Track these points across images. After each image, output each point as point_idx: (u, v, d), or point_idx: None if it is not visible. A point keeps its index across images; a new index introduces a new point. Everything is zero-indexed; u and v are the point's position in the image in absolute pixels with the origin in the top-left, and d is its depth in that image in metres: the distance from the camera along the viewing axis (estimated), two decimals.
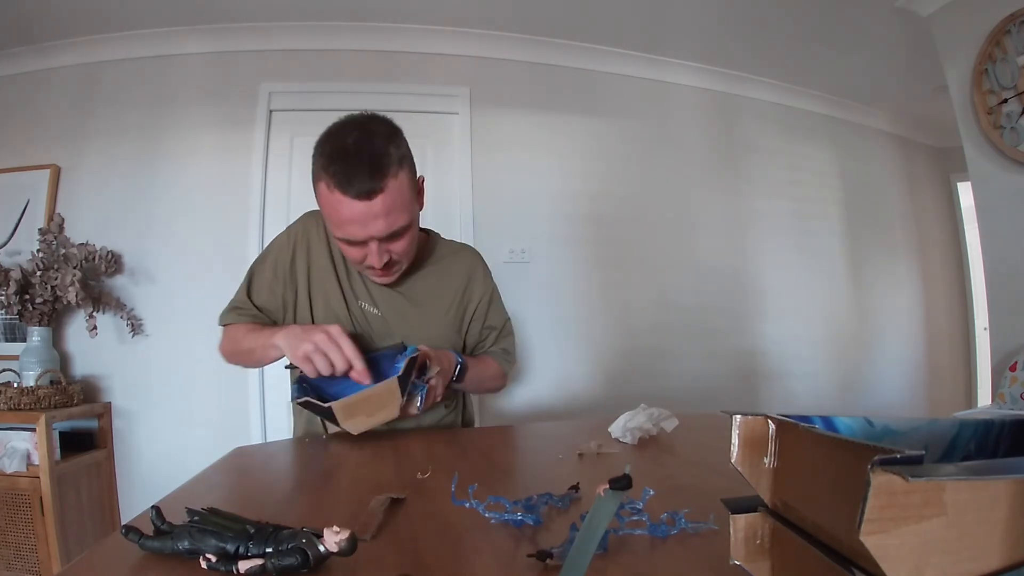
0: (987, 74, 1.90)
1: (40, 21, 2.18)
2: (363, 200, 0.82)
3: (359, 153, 0.83)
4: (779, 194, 2.96)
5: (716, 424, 0.96)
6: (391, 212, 0.85)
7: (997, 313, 1.98)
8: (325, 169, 0.84)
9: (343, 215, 0.84)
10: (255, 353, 0.97)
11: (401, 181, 0.86)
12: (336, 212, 0.85)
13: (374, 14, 2.33)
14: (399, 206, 0.87)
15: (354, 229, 0.85)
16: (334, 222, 0.88)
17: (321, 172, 0.85)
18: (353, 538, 0.37)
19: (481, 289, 1.13)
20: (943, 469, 0.19)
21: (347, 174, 0.82)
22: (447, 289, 1.08)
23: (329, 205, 0.86)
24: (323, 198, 0.87)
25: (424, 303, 1.05)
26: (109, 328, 2.18)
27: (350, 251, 0.91)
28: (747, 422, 0.29)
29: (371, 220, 0.84)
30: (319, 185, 0.86)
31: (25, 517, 1.81)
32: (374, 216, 0.84)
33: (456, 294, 1.09)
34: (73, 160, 2.29)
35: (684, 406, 1.12)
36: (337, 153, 0.84)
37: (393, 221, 0.86)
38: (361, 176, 0.82)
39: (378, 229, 0.85)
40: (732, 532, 0.30)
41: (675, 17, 2.39)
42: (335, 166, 0.83)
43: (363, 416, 0.83)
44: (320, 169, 0.85)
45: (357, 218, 0.84)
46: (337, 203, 0.84)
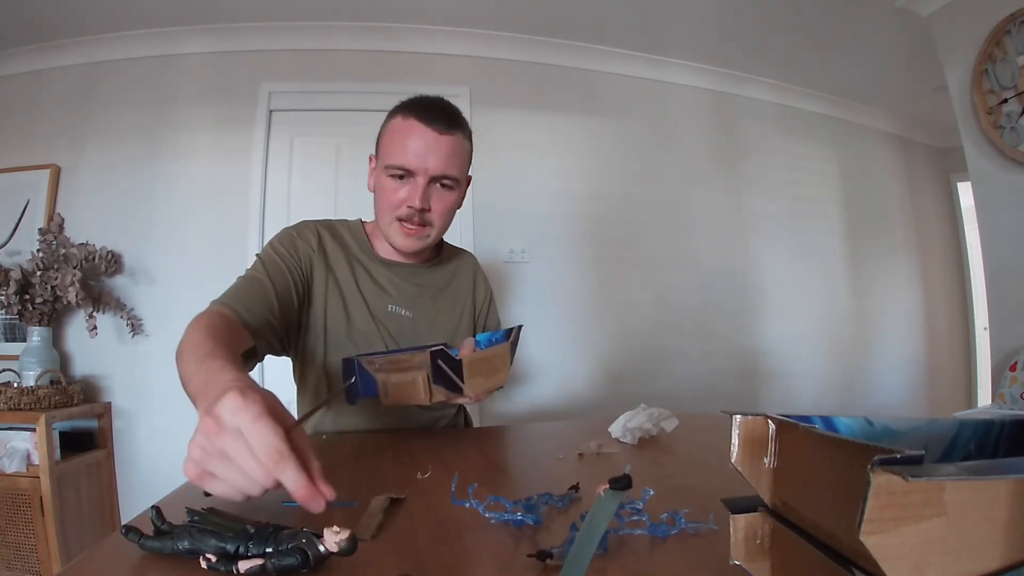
0: (987, 74, 1.90)
1: (40, 21, 2.18)
2: (434, 131, 0.88)
3: (443, 104, 0.93)
4: (779, 194, 2.96)
5: (716, 424, 0.96)
6: (451, 156, 0.91)
7: (997, 313, 1.98)
8: (406, 106, 0.91)
9: (409, 139, 0.89)
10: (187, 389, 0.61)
11: (465, 145, 0.95)
12: (403, 136, 0.89)
13: (374, 14, 2.33)
14: (458, 159, 0.92)
15: (415, 155, 0.89)
16: (396, 147, 0.90)
17: (399, 110, 0.91)
18: (353, 538, 0.37)
19: (484, 288, 1.16)
20: (943, 469, 0.19)
21: (427, 110, 0.89)
22: (460, 289, 1.10)
23: (398, 131, 0.90)
24: (394, 127, 0.91)
25: (445, 302, 1.06)
26: (109, 328, 2.18)
27: (395, 190, 0.91)
28: (747, 422, 0.29)
29: (432, 152, 0.89)
30: (393, 120, 0.92)
31: (25, 517, 1.81)
32: (437, 149, 0.89)
33: (468, 294, 1.11)
34: (73, 160, 2.29)
35: (684, 406, 1.13)
36: (422, 99, 0.92)
37: (449, 165, 0.91)
38: (439, 116, 0.89)
39: (435, 163, 0.89)
40: (732, 532, 0.30)
41: (675, 17, 2.39)
42: (418, 104, 0.90)
43: (481, 378, 0.80)
44: (398, 109, 0.92)
45: (422, 145, 0.88)
46: (409, 128, 0.89)
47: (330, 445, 0.87)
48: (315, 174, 2.37)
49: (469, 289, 1.12)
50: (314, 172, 2.37)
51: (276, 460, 0.40)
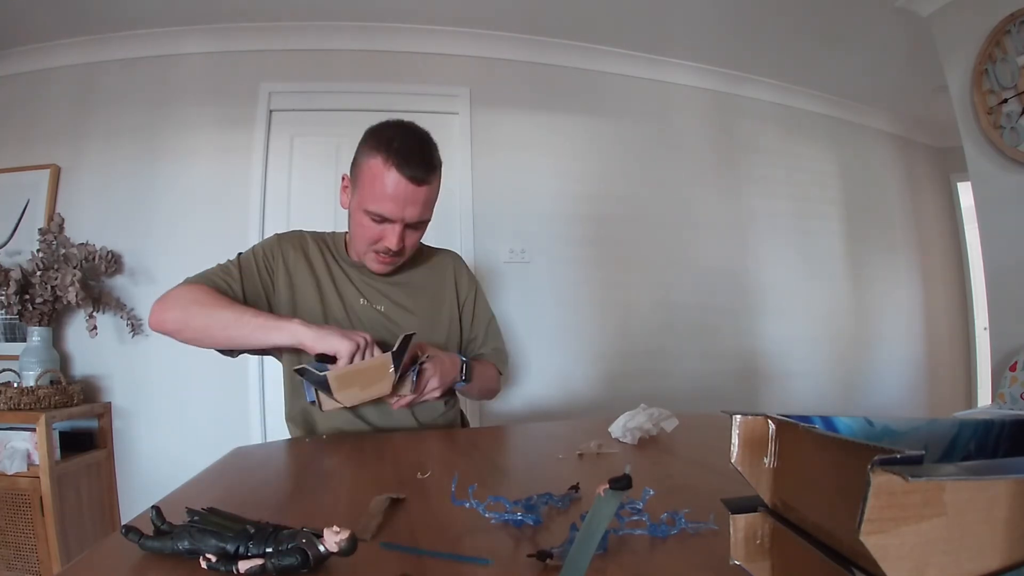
0: (987, 74, 1.90)
1: (40, 21, 2.18)
2: (412, 184, 0.91)
3: (421, 145, 0.94)
4: (779, 194, 2.96)
5: (716, 424, 0.96)
6: (426, 204, 0.95)
7: (997, 313, 1.98)
8: (384, 147, 0.91)
9: (388, 190, 0.91)
10: (239, 328, 0.88)
11: (438, 183, 0.98)
12: (383, 185, 0.91)
13: (374, 14, 2.33)
14: (431, 202, 0.97)
15: (393, 206, 0.92)
16: (376, 194, 0.92)
17: (377, 150, 0.92)
18: (353, 538, 0.37)
19: (467, 283, 1.18)
20: (943, 469, 0.19)
21: (407, 157, 0.91)
22: (439, 285, 1.14)
23: (377, 179, 0.92)
24: (372, 172, 0.92)
25: (421, 298, 1.10)
26: (109, 328, 2.18)
27: (371, 229, 0.96)
28: (747, 422, 0.29)
29: (410, 204, 0.92)
30: (371, 160, 0.92)
31: (25, 517, 1.81)
32: (414, 201, 0.93)
33: (447, 289, 1.15)
34: (73, 160, 2.29)
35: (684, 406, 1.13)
36: (399, 139, 0.92)
37: (424, 212, 0.96)
38: (417, 164, 0.91)
39: (412, 213, 0.94)
40: (732, 532, 0.30)
41: (675, 17, 2.39)
42: (397, 146, 0.91)
43: (356, 388, 0.86)
44: (375, 147, 0.92)
45: (400, 197, 0.91)
46: (388, 178, 0.91)
47: (330, 445, 0.87)
48: (315, 174, 2.37)
49: (451, 284, 1.16)
50: (314, 172, 2.37)
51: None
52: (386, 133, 0.94)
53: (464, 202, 2.43)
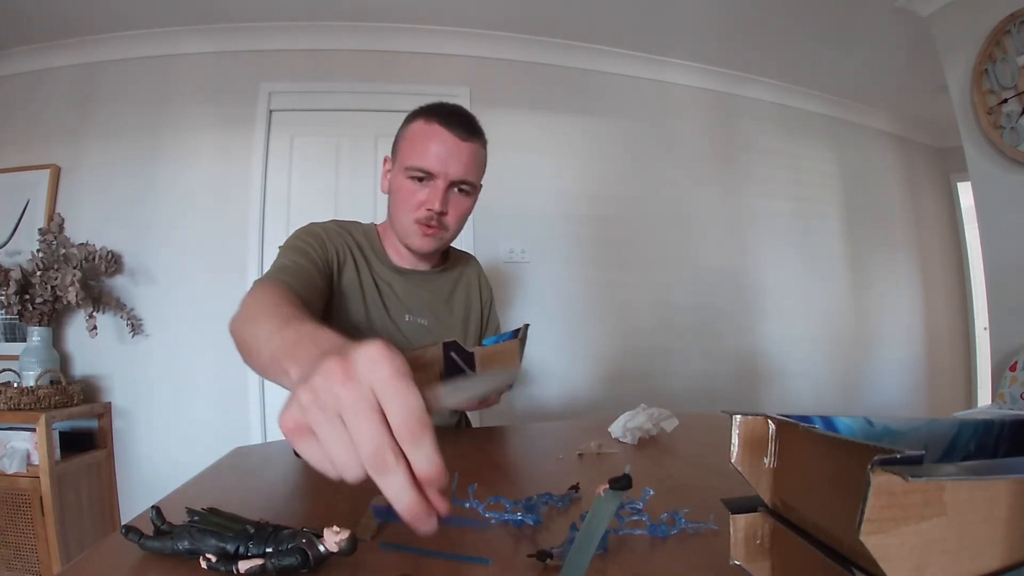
0: (987, 74, 1.90)
1: (40, 21, 2.18)
2: (456, 137, 0.90)
3: (464, 113, 0.94)
4: (779, 194, 2.96)
5: (716, 424, 0.96)
6: (471, 163, 0.93)
7: (997, 313, 1.98)
8: (428, 111, 0.92)
9: (432, 144, 0.90)
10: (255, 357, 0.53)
11: (483, 153, 0.97)
12: (426, 141, 0.90)
13: (374, 14, 2.33)
14: (476, 165, 0.95)
15: (437, 159, 0.90)
16: (419, 151, 0.91)
17: (421, 114, 0.93)
18: (353, 538, 0.37)
19: (487, 291, 1.18)
20: (943, 469, 0.19)
21: (450, 117, 0.91)
22: (467, 292, 1.12)
23: (420, 135, 0.91)
24: (415, 131, 0.92)
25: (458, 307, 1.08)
26: (109, 328, 2.18)
27: (415, 192, 0.92)
28: (747, 422, 0.29)
29: (454, 157, 0.91)
30: (414, 123, 0.93)
31: (25, 517, 1.81)
32: (458, 155, 0.91)
33: (474, 297, 1.13)
34: (73, 160, 2.29)
35: (684, 406, 1.13)
36: (444, 105, 0.94)
37: (468, 171, 0.93)
38: (461, 123, 0.92)
39: (456, 169, 0.91)
40: (732, 532, 0.30)
41: (675, 17, 2.39)
42: (440, 110, 0.92)
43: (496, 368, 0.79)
44: (419, 113, 0.93)
45: (444, 150, 0.90)
46: (432, 132, 0.90)
47: None
48: (315, 174, 2.37)
49: (476, 292, 1.14)
50: (314, 172, 2.37)
51: (417, 429, 0.29)
52: (428, 104, 0.95)
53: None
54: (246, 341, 0.56)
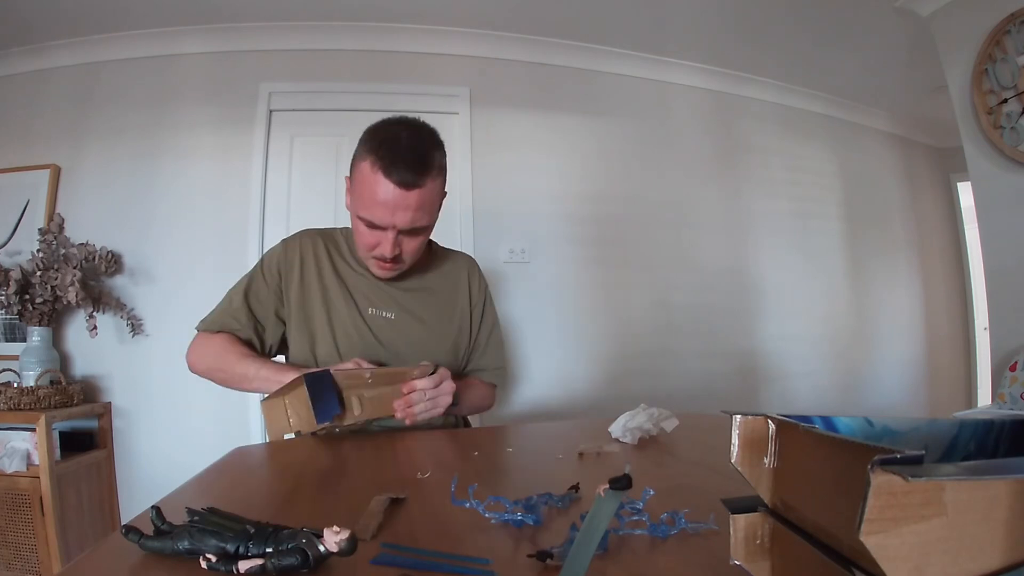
0: (987, 74, 1.90)
1: (40, 21, 2.18)
2: (400, 188, 0.88)
3: (410, 148, 0.89)
4: (779, 194, 2.96)
5: (716, 424, 0.96)
6: (420, 209, 0.91)
7: (997, 313, 1.98)
8: (374, 150, 0.89)
9: (377, 196, 0.88)
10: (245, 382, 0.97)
11: (436, 186, 0.94)
12: (371, 192, 0.89)
13: (374, 14, 2.33)
14: (427, 207, 0.92)
15: (383, 212, 0.89)
16: (365, 201, 0.90)
17: (368, 152, 0.89)
18: (353, 538, 0.37)
19: (479, 289, 1.17)
20: (943, 469, 0.19)
21: (393, 161, 0.87)
22: (452, 291, 1.12)
23: (366, 184, 0.89)
24: (362, 176, 0.90)
25: (433, 305, 1.09)
26: (109, 328, 2.18)
27: (366, 235, 0.94)
28: (747, 422, 0.29)
29: (400, 210, 0.89)
30: (362, 163, 0.90)
31: (25, 517, 1.81)
32: (405, 207, 0.89)
33: (460, 295, 1.13)
34: (73, 160, 2.29)
35: (684, 406, 1.13)
36: (390, 140, 0.89)
37: (418, 218, 0.92)
38: (406, 167, 0.88)
39: (403, 220, 0.90)
40: (732, 532, 0.30)
41: (675, 17, 2.39)
42: (385, 149, 0.88)
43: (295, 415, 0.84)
44: (368, 150, 0.90)
45: (389, 203, 0.88)
46: (376, 183, 0.88)
47: (330, 445, 0.87)
48: (315, 174, 2.37)
49: (464, 290, 1.14)
50: (314, 172, 2.37)
51: None
52: (379, 134, 0.91)
53: (464, 202, 2.43)
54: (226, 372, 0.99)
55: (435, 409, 0.93)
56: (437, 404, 0.93)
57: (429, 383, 0.92)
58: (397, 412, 0.90)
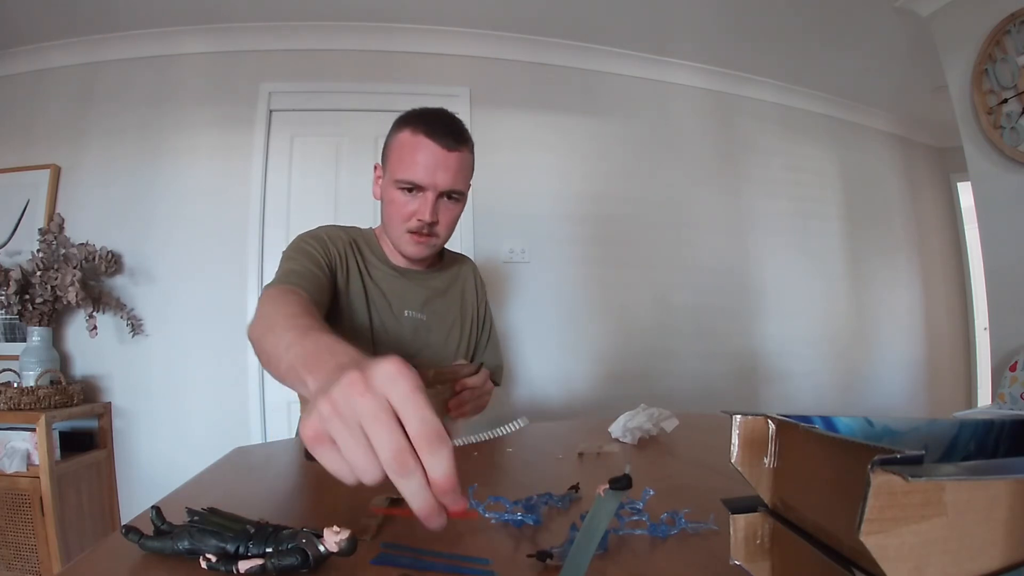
0: (987, 74, 1.90)
1: (40, 21, 2.18)
2: (443, 148, 0.91)
3: (450, 119, 0.95)
4: (779, 194, 2.96)
5: (716, 424, 0.96)
6: (459, 172, 0.94)
7: (997, 313, 1.98)
8: (414, 120, 0.93)
9: (419, 156, 0.90)
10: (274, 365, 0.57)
11: (470, 159, 0.98)
12: (412, 153, 0.91)
13: (374, 14, 2.33)
14: (464, 173, 0.96)
15: (424, 173, 0.91)
16: (406, 163, 0.92)
17: (406, 123, 0.93)
18: (353, 538, 0.37)
19: (481, 290, 1.20)
20: (943, 469, 0.19)
21: (435, 126, 0.92)
22: (463, 292, 1.14)
23: (407, 146, 0.92)
24: (401, 143, 0.93)
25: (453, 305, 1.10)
26: (109, 328, 2.18)
27: (404, 204, 0.94)
28: (747, 422, 0.29)
29: (441, 169, 0.91)
30: (400, 134, 0.93)
31: (25, 517, 1.81)
32: (446, 166, 0.91)
33: (469, 295, 1.15)
34: (73, 160, 2.29)
35: (684, 406, 1.13)
36: (428, 113, 0.94)
37: (457, 181, 0.94)
38: (447, 132, 0.92)
39: (444, 180, 0.92)
40: (732, 532, 0.30)
41: (675, 17, 2.39)
42: (425, 119, 0.92)
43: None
44: (405, 122, 0.94)
45: (431, 162, 0.90)
46: (418, 144, 0.91)
47: None
48: (315, 174, 2.37)
49: (472, 291, 1.16)
50: (314, 172, 2.37)
51: (435, 438, 0.31)
52: (413, 112, 0.95)
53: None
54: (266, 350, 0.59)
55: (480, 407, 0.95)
56: (483, 403, 0.95)
57: (479, 380, 0.92)
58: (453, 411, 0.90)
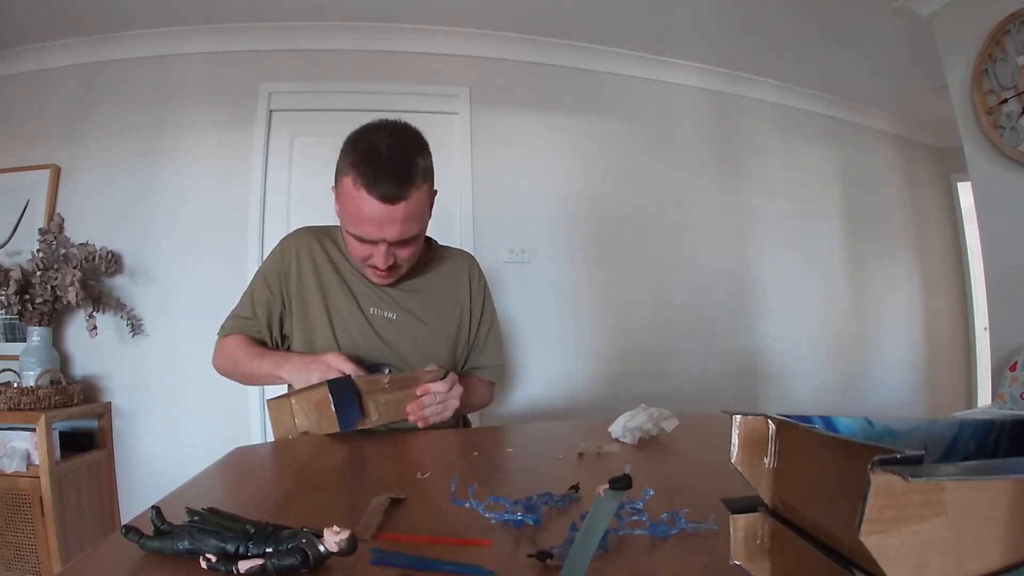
0: (987, 74, 1.90)
1: (40, 21, 2.18)
2: (385, 203, 0.86)
3: (391, 160, 0.87)
4: (779, 194, 2.96)
5: (716, 424, 0.96)
6: (408, 220, 0.89)
7: (997, 313, 1.98)
8: (355, 166, 0.87)
9: (363, 213, 0.87)
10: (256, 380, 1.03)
11: (422, 193, 0.91)
12: (356, 209, 0.88)
13: (374, 14, 2.33)
14: (415, 216, 0.91)
15: (370, 228, 0.89)
16: (352, 218, 0.90)
17: (350, 167, 0.87)
18: (353, 538, 0.37)
19: (479, 287, 1.17)
20: (943, 469, 0.19)
21: (375, 176, 0.85)
22: (453, 289, 1.13)
23: (351, 200, 0.88)
24: (346, 192, 0.89)
25: (433, 304, 1.09)
26: (109, 328, 2.18)
27: (358, 248, 0.94)
28: (747, 422, 0.29)
29: (388, 224, 0.88)
30: (344, 179, 0.89)
31: (25, 517, 1.81)
32: (392, 221, 0.88)
33: (461, 293, 1.14)
34: (73, 160, 2.29)
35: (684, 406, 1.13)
36: (369, 153, 0.87)
37: (407, 229, 0.90)
38: (388, 181, 0.85)
39: (392, 233, 0.89)
40: (732, 532, 0.30)
41: (675, 17, 2.39)
42: (365, 165, 0.86)
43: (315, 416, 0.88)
44: (349, 164, 0.88)
45: (375, 218, 0.87)
46: (360, 200, 0.87)
47: (330, 445, 0.87)
48: (315, 174, 2.37)
49: (465, 288, 1.14)
50: (314, 172, 2.37)
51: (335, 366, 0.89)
52: (358, 146, 0.88)
53: (464, 202, 2.43)
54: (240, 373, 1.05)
55: (444, 412, 0.95)
56: (447, 408, 0.95)
57: (442, 387, 0.93)
58: (410, 416, 0.91)
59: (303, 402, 0.87)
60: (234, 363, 1.04)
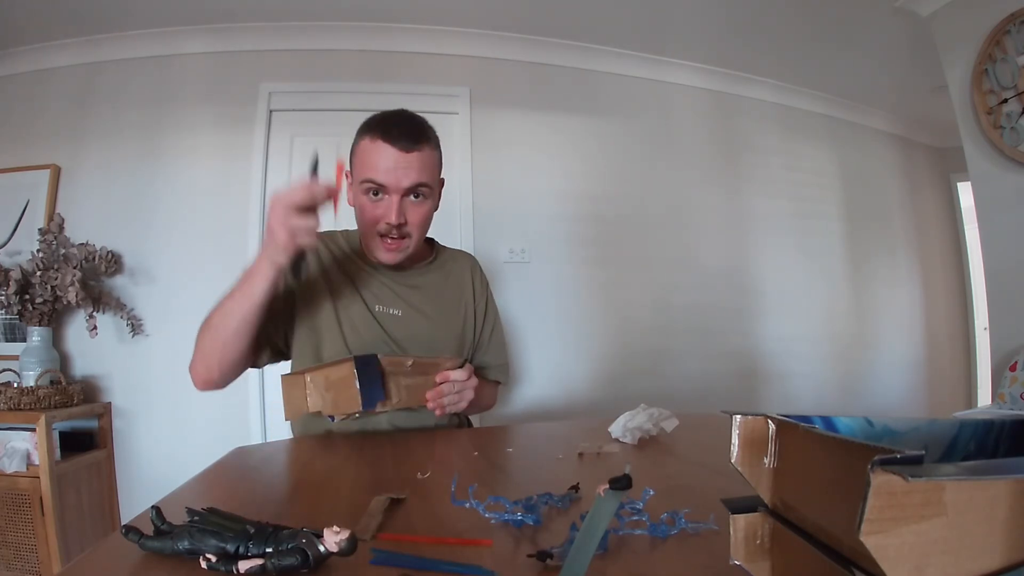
0: (987, 74, 1.90)
1: (40, 21, 2.18)
2: (402, 152, 0.91)
3: (407, 119, 0.96)
4: (779, 194, 2.96)
5: (716, 424, 0.96)
6: (421, 169, 0.94)
7: (997, 313, 1.98)
8: (373, 127, 0.94)
9: (379, 161, 0.92)
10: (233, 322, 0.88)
11: (434, 154, 0.97)
12: (372, 158, 0.92)
13: (374, 14, 2.33)
14: (428, 170, 0.95)
15: (385, 175, 0.92)
16: (367, 167, 0.93)
17: (366, 130, 0.95)
18: (353, 538, 0.37)
19: (481, 286, 1.18)
20: (943, 469, 0.19)
21: (391, 128, 0.92)
22: (456, 288, 1.13)
23: (367, 152, 0.93)
24: (363, 149, 0.94)
25: (438, 302, 1.09)
26: (109, 328, 2.18)
27: (371, 208, 0.95)
28: (747, 422, 0.29)
29: (403, 169, 0.92)
30: (362, 141, 0.95)
31: (25, 517, 1.81)
32: (407, 166, 0.92)
33: (465, 293, 1.14)
34: (73, 160, 2.29)
35: (684, 406, 1.13)
36: (387, 118, 0.95)
37: (420, 176, 0.94)
38: (404, 132, 0.92)
39: (408, 180, 0.92)
40: (732, 532, 0.30)
41: (675, 17, 2.39)
42: (383, 124, 0.93)
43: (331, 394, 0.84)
44: (365, 128, 0.95)
45: (391, 166, 0.91)
46: (377, 149, 0.92)
47: (330, 445, 0.87)
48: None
49: (468, 287, 1.15)
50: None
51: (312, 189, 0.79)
52: (374, 117, 0.96)
53: (464, 202, 2.43)
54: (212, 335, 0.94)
55: (460, 403, 0.95)
56: (462, 398, 0.95)
57: (461, 375, 0.94)
58: (429, 403, 0.91)
59: (319, 379, 0.84)
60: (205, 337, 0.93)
